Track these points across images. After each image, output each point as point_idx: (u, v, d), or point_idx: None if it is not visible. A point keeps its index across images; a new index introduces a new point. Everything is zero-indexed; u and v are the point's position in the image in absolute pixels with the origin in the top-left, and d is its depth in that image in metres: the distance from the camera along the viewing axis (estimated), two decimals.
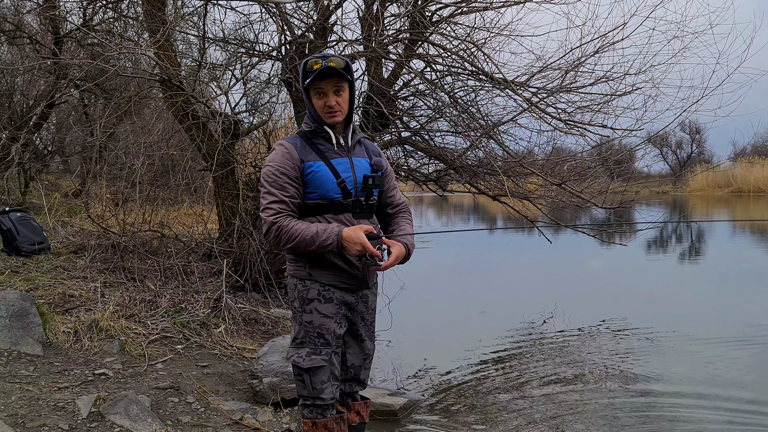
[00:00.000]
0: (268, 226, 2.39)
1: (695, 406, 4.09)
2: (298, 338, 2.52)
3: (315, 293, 2.48)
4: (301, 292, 2.49)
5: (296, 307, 2.51)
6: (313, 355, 2.47)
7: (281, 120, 8.12)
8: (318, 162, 2.44)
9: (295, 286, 2.51)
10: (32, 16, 9.60)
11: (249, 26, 7.03)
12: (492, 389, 4.46)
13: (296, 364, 2.50)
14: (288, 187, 2.41)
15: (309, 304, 2.48)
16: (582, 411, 4.00)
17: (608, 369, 4.91)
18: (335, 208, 2.45)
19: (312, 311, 2.48)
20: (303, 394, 2.53)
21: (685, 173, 37.42)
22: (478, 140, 6.39)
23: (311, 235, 2.35)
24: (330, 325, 2.48)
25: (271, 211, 2.39)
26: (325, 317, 2.48)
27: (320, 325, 2.48)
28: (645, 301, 7.33)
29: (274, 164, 2.43)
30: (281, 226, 2.37)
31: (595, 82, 5.98)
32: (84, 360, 3.83)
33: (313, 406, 2.52)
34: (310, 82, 2.41)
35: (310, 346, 2.48)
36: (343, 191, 2.46)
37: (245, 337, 4.85)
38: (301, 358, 2.48)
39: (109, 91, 8.74)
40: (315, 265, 2.47)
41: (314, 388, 2.48)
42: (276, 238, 2.39)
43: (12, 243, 5.89)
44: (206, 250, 6.12)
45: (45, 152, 11.69)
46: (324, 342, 2.48)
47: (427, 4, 5.55)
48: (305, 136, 2.52)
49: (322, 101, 2.44)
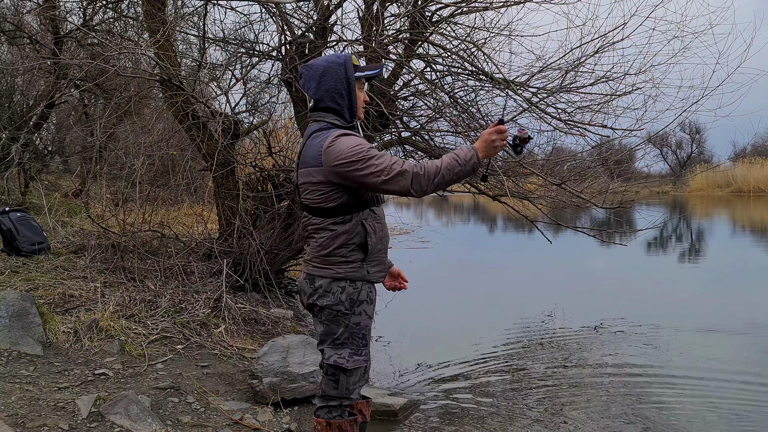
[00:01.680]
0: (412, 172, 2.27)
1: (695, 405, 4.09)
2: (340, 339, 2.48)
3: (365, 294, 2.48)
4: (351, 294, 2.45)
5: (342, 310, 2.45)
6: (356, 356, 2.48)
7: (281, 120, 8.13)
8: None
9: (344, 288, 2.45)
10: (32, 16, 9.59)
11: (249, 26, 7.03)
12: (492, 389, 4.46)
13: (339, 365, 2.47)
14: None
15: (359, 306, 2.47)
16: (582, 410, 4.00)
17: (608, 368, 4.91)
18: (377, 200, 2.51)
19: (361, 313, 2.47)
20: (332, 394, 2.51)
21: (685, 173, 37.41)
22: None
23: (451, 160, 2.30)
24: (370, 325, 2.54)
25: (399, 162, 2.30)
26: (369, 318, 2.51)
27: (365, 326, 2.50)
28: (645, 300, 7.33)
29: (363, 142, 2.35)
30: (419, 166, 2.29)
31: (595, 82, 5.97)
32: (84, 360, 3.83)
33: (338, 407, 2.51)
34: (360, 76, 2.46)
35: (352, 347, 2.48)
36: None
37: (245, 337, 4.85)
38: (344, 359, 2.47)
39: (109, 91, 8.74)
40: (370, 262, 2.47)
41: (347, 389, 2.49)
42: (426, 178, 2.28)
43: (12, 243, 5.89)
44: (206, 250, 6.12)
45: (45, 152, 11.68)
46: (364, 343, 2.51)
47: (427, 4, 5.55)
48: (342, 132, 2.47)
49: (362, 95, 2.50)
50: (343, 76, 2.43)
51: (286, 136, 7.65)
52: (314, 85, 2.46)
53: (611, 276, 9.76)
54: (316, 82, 2.45)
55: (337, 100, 2.45)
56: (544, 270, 10.06)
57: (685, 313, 6.87)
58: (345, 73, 2.43)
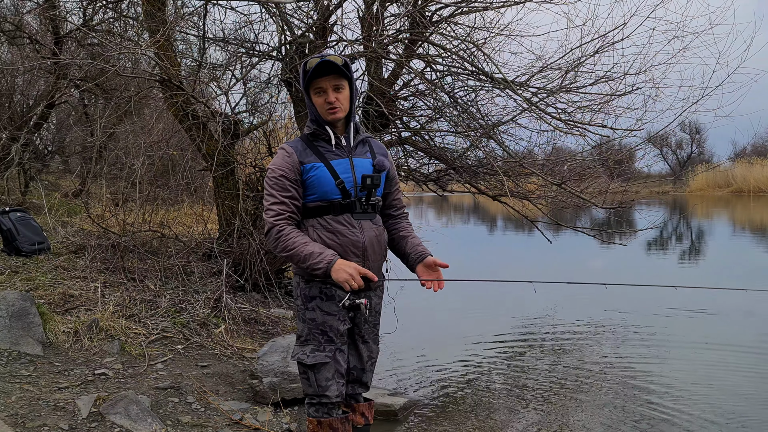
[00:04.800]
0: (269, 227, 2.43)
1: (695, 404, 4.09)
2: (303, 336, 2.54)
3: (317, 291, 2.50)
4: (304, 290, 2.52)
5: (299, 305, 2.54)
6: (317, 351, 2.50)
7: (281, 120, 8.13)
8: (317, 163, 2.45)
9: (298, 284, 2.55)
10: (32, 16, 9.60)
11: (249, 26, 7.03)
12: (492, 389, 4.46)
13: (301, 360, 2.52)
14: (288, 188, 2.43)
15: (311, 301, 2.51)
16: (582, 411, 4.00)
17: (608, 368, 4.91)
18: (335, 209, 2.46)
19: (314, 308, 2.50)
20: (309, 392, 2.55)
21: (685, 173, 37.41)
22: (478, 140, 6.39)
23: (305, 255, 2.36)
24: (333, 322, 2.50)
25: (272, 212, 2.42)
26: (327, 315, 2.50)
27: (323, 322, 2.50)
28: (645, 300, 7.32)
29: (275, 167, 2.46)
30: (281, 232, 2.40)
31: (595, 82, 5.98)
32: (84, 360, 3.83)
33: (319, 405, 2.53)
34: (309, 80, 2.42)
35: (314, 343, 2.51)
36: (342, 192, 2.45)
37: (245, 337, 4.86)
38: (306, 354, 2.51)
39: (109, 91, 8.75)
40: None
41: (319, 386, 2.50)
42: (275, 242, 2.42)
43: (12, 243, 5.89)
44: (206, 250, 6.12)
45: (45, 152, 11.69)
46: (328, 339, 2.50)
47: (427, 4, 5.55)
48: (306, 139, 2.54)
49: (321, 98, 2.45)
50: (302, 86, 2.50)
51: (286, 136, 7.66)
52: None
53: (611, 276, 9.74)
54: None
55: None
56: (544, 270, 10.05)
57: (686, 313, 6.87)
58: (302, 84, 2.49)
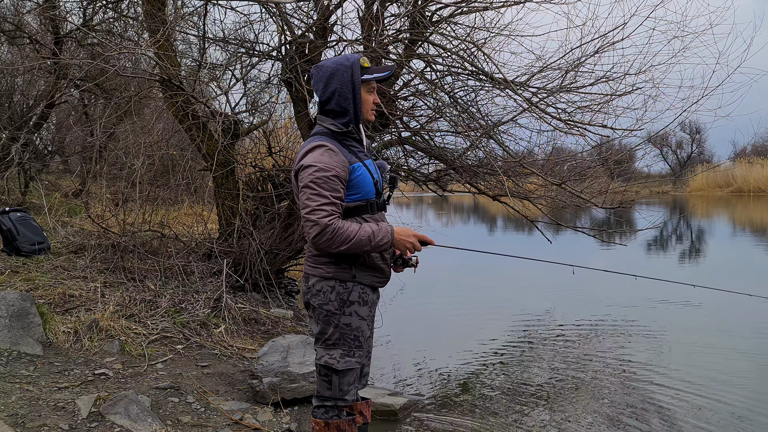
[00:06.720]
0: (322, 228, 2.30)
1: (695, 404, 4.09)
2: (331, 340, 2.48)
3: (356, 296, 2.48)
4: (341, 294, 2.46)
5: (332, 310, 2.46)
6: (347, 357, 2.48)
7: (281, 120, 8.12)
8: (359, 164, 2.44)
9: (333, 288, 2.46)
10: (32, 16, 9.60)
11: (249, 26, 7.02)
12: (492, 389, 4.46)
13: (329, 365, 2.48)
14: (339, 189, 2.36)
15: (350, 306, 2.47)
16: (583, 410, 4.00)
17: (608, 368, 4.91)
18: (372, 208, 2.49)
19: (352, 314, 2.48)
20: (326, 395, 2.53)
21: (685, 173, 37.41)
22: (478, 140, 6.39)
23: (367, 236, 2.34)
24: (364, 327, 2.51)
25: (323, 212, 2.31)
26: (361, 320, 2.50)
27: (357, 327, 2.49)
28: (645, 300, 7.33)
29: (326, 165, 2.34)
30: (336, 228, 2.31)
31: (595, 82, 5.97)
32: (84, 360, 3.83)
33: (333, 408, 2.52)
34: (368, 78, 2.46)
35: (344, 348, 2.48)
36: (376, 191, 2.51)
37: (245, 337, 4.86)
38: (335, 359, 2.48)
39: (109, 91, 8.76)
40: (360, 267, 2.47)
41: (341, 390, 2.49)
42: (329, 240, 2.32)
43: (12, 243, 5.89)
44: (206, 250, 6.12)
45: (45, 152, 11.69)
46: (358, 345, 2.50)
47: (427, 4, 5.54)
48: (334, 137, 2.46)
49: (371, 97, 2.50)
50: (349, 79, 2.43)
51: (286, 136, 7.65)
52: (321, 87, 2.46)
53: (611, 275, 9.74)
54: (323, 84, 2.45)
55: (341, 103, 2.45)
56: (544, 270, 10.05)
57: (685, 313, 6.87)
58: (351, 76, 2.43)
